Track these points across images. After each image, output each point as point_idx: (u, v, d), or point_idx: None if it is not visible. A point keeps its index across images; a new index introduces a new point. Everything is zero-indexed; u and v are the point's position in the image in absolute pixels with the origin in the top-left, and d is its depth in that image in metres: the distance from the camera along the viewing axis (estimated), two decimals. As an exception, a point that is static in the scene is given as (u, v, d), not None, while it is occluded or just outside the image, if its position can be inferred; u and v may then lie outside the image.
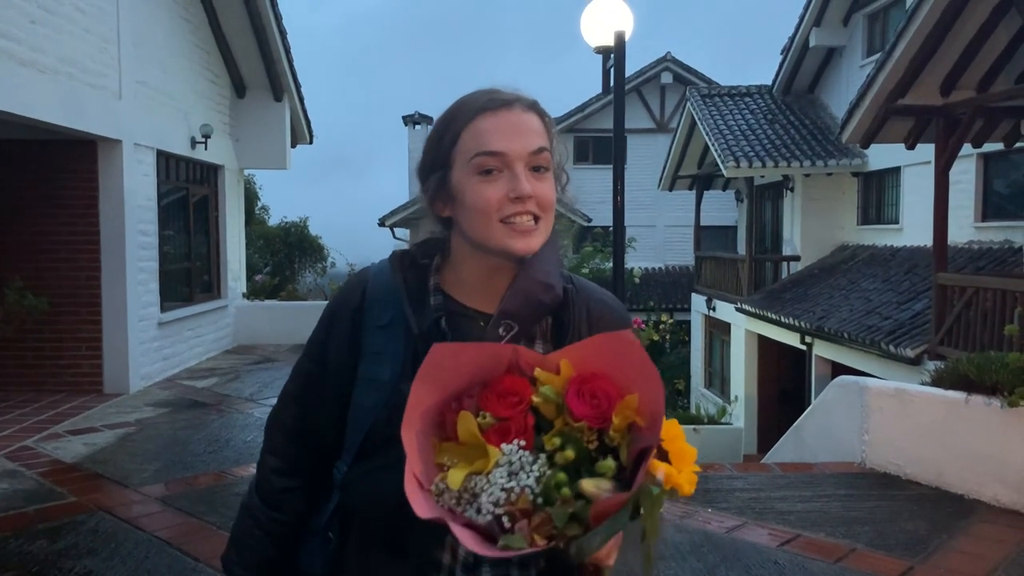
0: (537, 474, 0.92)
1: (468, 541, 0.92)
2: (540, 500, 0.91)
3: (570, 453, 0.93)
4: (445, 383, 1.00)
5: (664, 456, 0.97)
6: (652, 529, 0.92)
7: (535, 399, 0.98)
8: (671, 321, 19.23)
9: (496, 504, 0.92)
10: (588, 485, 0.92)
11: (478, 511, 0.93)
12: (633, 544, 0.96)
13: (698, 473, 1.01)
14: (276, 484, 1.31)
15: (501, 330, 1.15)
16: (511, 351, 1.03)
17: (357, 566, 1.23)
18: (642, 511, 0.92)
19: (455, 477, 0.94)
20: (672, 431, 0.98)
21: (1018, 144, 9.38)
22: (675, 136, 17.74)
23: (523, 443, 0.94)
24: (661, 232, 22.89)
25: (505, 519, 0.91)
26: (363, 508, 1.21)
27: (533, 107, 1.19)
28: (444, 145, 1.18)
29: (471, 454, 0.96)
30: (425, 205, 1.24)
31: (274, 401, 1.36)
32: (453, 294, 1.23)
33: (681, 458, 0.97)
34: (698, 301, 17.76)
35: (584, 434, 0.95)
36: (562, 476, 0.92)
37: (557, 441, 0.95)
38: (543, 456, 0.94)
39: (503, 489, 0.92)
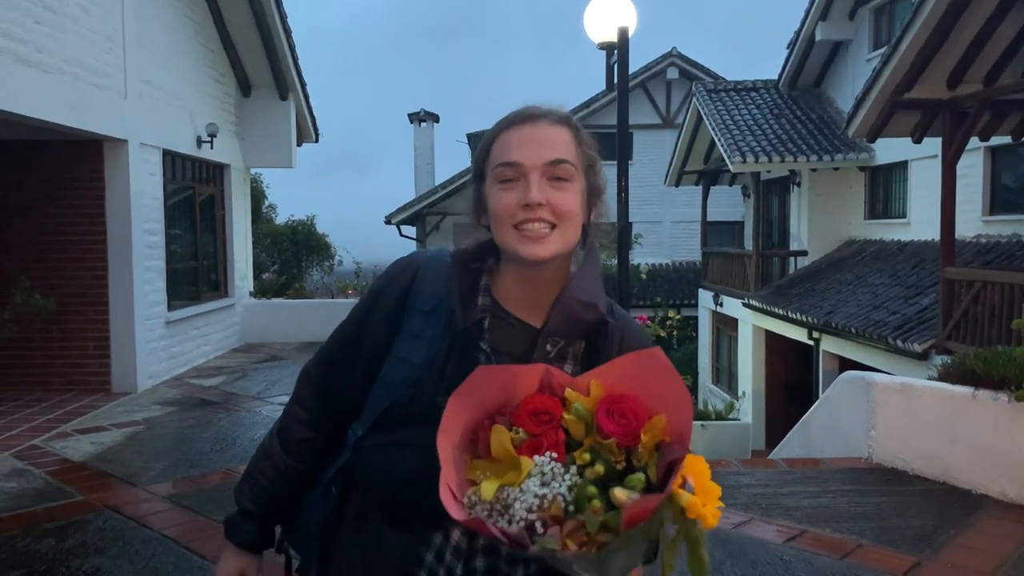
0: (569, 483, 0.96)
1: (504, 543, 0.97)
2: (572, 508, 0.95)
3: (600, 468, 0.97)
4: (481, 399, 1.05)
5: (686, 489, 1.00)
6: (669, 564, 0.97)
7: (566, 416, 1.02)
8: (678, 317, 19.16)
9: (529, 510, 0.95)
10: (620, 493, 0.96)
11: (510, 521, 0.97)
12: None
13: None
14: (297, 433, 1.39)
15: (548, 346, 1.22)
16: (544, 371, 1.08)
17: (354, 530, 1.29)
18: (660, 547, 0.98)
19: (488, 488, 0.98)
20: (697, 467, 1.01)
21: (1026, 137, 9.32)
22: (681, 131, 17.71)
23: (555, 455, 0.99)
24: (668, 228, 22.85)
25: (538, 524, 0.95)
26: (369, 479, 1.27)
27: (564, 121, 1.24)
28: (480, 157, 1.27)
29: (502, 470, 1.00)
30: (471, 215, 1.30)
31: (282, 399, 1.40)
32: (498, 298, 1.28)
33: (706, 493, 1.00)
34: (705, 297, 17.74)
35: (613, 453, 0.99)
36: (593, 488, 0.96)
37: (587, 456, 0.99)
38: (574, 467, 0.98)
39: (536, 496, 0.95)
